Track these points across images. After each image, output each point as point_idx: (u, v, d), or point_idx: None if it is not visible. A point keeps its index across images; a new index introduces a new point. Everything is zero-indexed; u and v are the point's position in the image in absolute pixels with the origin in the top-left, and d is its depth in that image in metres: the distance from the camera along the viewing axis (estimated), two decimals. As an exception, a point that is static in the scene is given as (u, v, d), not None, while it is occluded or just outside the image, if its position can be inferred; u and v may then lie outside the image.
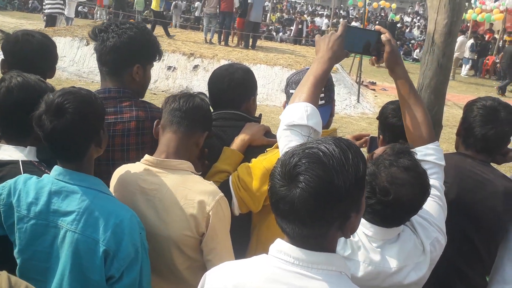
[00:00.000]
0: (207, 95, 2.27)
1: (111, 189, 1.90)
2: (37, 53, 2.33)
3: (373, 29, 1.89)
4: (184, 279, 1.85)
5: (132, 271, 1.61)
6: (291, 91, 2.16)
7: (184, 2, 18.88)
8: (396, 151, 1.63)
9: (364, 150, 2.54)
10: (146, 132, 2.06)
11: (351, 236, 1.26)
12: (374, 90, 14.32)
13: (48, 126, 1.59)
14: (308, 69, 2.19)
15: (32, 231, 1.66)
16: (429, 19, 2.36)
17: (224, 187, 1.97)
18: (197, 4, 24.26)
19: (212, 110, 2.26)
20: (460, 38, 19.29)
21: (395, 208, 1.56)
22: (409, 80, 1.86)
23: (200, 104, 1.92)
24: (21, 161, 1.85)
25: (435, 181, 1.75)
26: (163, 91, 11.22)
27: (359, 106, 11.45)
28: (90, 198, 1.64)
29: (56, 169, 1.69)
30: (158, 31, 15.43)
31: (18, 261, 1.70)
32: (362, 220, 1.64)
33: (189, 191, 1.79)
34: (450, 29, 2.25)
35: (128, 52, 2.11)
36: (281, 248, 1.22)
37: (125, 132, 2.04)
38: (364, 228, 1.64)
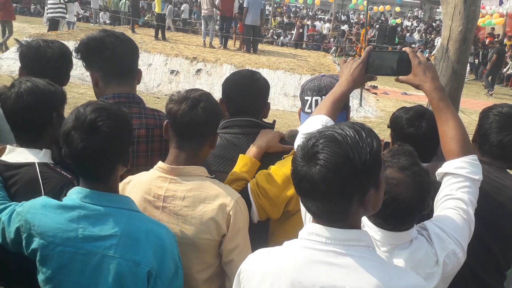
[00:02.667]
0: (224, 100, 2.30)
1: (121, 192, 1.88)
2: (57, 59, 2.35)
3: (400, 50, 1.92)
4: None
5: (172, 286, 1.59)
6: (306, 97, 2.19)
7: (170, 6, 19.08)
8: (393, 153, 1.65)
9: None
10: (156, 139, 2.09)
11: (374, 212, 1.34)
12: (375, 94, 14.33)
13: (78, 144, 1.50)
14: (322, 75, 2.23)
15: (58, 259, 1.56)
16: (443, 26, 2.37)
17: (242, 195, 1.96)
18: (183, 6, 24.53)
19: (228, 117, 2.28)
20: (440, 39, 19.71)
21: (393, 208, 1.56)
22: (438, 94, 1.83)
23: (201, 117, 1.80)
24: (37, 163, 1.85)
25: (464, 195, 1.71)
26: (166, 95, 11.24)
27: (362, 110, 11.46)
28: (125, 219, 1.57)
29: (80, 191, 1.59)
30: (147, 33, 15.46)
31: None
32: (370, 224, 1.64)
33: (207, 195, 1.80)
34: (465, 36, 2.27)
35: (136, 55, 2.22)
36: (312, 230, 1.30)
37: (135, 139, 2.05)
38: (372, 232, 1.63)
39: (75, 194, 1.59)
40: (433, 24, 32.85)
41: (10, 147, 1.92)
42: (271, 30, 26.78)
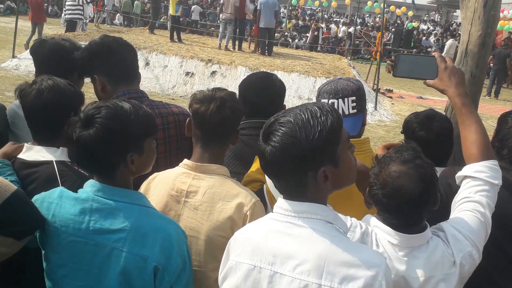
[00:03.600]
0: (241, 102, 2.31)
1: (150, 192, 1.93)
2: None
3: (429, 55, 1.98)
4: None
5: (180, 281, 1.60)
6: (322, 100, 2.17)
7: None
8: (397, 149, 1.68)
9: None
10: (171, 126, 2.21)
11: (336, 189, 1.42)
12: (391, 97, 14.25)
13: (76, 134, 1.57)
14: (339, 78, 2.21)
15: (70, 248, 1.60)
16: (462, 31, 2.37)
17: (258, 196, 1.97)
18: (193, 8, 24.96)
19: (244, 118, 2.30)
20: (449, 42, 21.00)
21: (396, 199, 1.57)
22: (461, 100, 1.85)
23: (228, 116, 1.85)
24: (55, 161, 1.88)
25: (482, 198, 1.72)
26: (181, 97, 11.32)
27: (377, 114, 11.41)
28: (135, 214, 1.60)
29: (93, 184, 1.63)
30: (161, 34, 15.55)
31: (51, 277, 1.65)
32: (386, 228, 1.65)
33: (227, 193, 1.82)
34: (484, 41, 2.26)
35: (137, 59, 2.34)
36: (278, 203, 1.43)
37: None
38: (389, 237, 1.64)
39: (89, 187, 1.63)
40: (450, 28, 32.60)
41: (28, 146, 1.95)
42: (286, 33, 26.80)
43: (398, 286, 1.59)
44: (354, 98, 2.08)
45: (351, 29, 26.51)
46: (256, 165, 2.13)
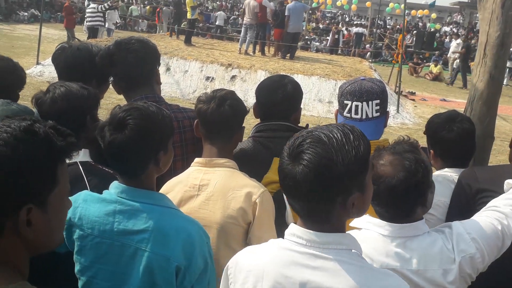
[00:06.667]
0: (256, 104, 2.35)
1: (169, 192, 1.98)
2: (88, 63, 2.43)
3: None
4: None
5: (201, 281, 1.62)
6: (345, 101, 2.10)
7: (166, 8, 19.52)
8: (396, 142, 1.71)
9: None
10: (187, 130, 2.28)
11: (358, 216, 1.37)
12: (413, 100, 14.11)
13: (108, 138, 1.59)
14: (362, 79, 2.17)
15: (96, 250, 1.64)
16: (480, 31, 2.36)
17: (277, 197, 2.00)
18: (218, 13, 26.18)
19: (260, 121, 2.33)
20: (458, 41, 21.64)
21: (377, 185, 1.56)
22: None
23: (228, 113, 1.98)
24: (79, 161, 1.93)
25: (511, 212, 1.70)
26: (201, 101, 11.39)
27: (399, 116, 11.31)
28: (157, 215, 1.62)
29: (117, 186, 1.66)
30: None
31: (80, 279, 1.69)
32: (377, 221, 1.64)
33: (236, 183, 1.93)
34: (503, 41, 2.25)
35: (148, 61, 2.31)
36: (294, 231, 1.32)
37: None
38: (380, 228, 1.63)
39: (113, 189, 1.67)
40: (474, 29, 32.10)
41: None
42: (306, 37, 26.77)
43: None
44: (378, 101, 2.06)
45: (358, 29, 26.39)
46: (274, 167, 2.15)
